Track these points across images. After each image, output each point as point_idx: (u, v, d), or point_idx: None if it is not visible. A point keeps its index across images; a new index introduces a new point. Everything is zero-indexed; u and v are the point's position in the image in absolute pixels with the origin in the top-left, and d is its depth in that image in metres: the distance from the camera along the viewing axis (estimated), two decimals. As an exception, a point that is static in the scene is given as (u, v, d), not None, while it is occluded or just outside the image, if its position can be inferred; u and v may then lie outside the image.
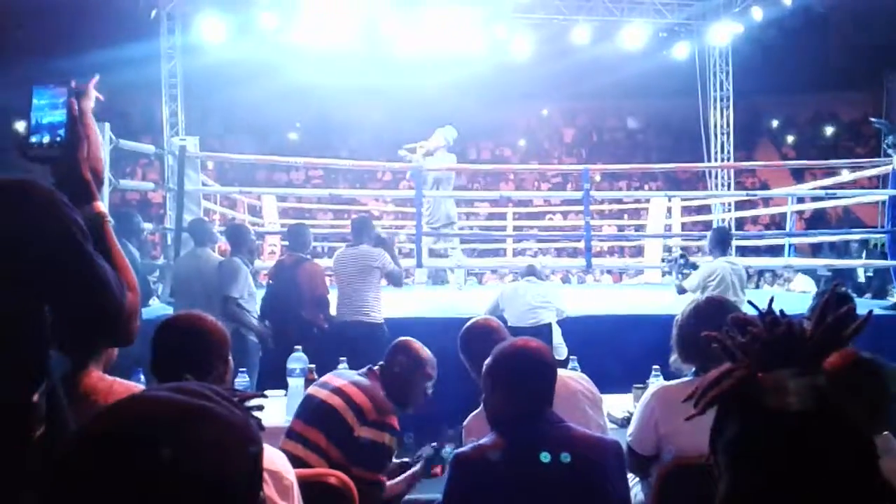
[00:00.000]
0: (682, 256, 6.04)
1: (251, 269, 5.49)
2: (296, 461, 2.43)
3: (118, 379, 1.96)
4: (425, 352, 2.87)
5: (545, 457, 1.89)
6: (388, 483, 2.68)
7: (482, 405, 2.61)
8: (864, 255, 8.41)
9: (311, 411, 2.65)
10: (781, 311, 0.97)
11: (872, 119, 8.40)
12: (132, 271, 1.38)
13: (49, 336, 1.20)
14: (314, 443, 2.54)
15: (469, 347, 2.84)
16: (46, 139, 1.36)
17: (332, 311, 5.44)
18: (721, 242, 5.71)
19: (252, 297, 5.33)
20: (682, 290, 5.65)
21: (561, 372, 2.77)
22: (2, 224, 1.15)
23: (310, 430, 2.58)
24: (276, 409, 3.52)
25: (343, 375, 2.78)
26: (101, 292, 1.23)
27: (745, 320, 0.99)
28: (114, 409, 0.78)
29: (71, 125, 1.37)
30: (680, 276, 5.77)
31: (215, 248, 6.03)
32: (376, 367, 2.81)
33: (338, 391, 2.64)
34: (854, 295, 5.25)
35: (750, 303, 1.07)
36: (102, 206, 1.41)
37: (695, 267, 5.77)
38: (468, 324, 2.98)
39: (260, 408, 0.99)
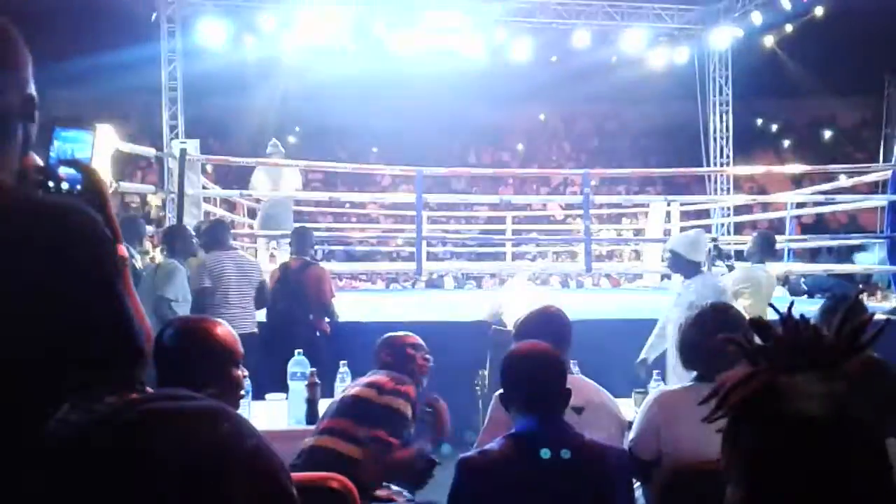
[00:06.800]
0: (715, 248, 5.60)
1: (186, 271, 5.31)
2: (324, 452, 2.58)
3: None
4: (400, 335, 3.07)
5: (545, 453, 1.90)
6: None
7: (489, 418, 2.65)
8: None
9: (339, 406, 2.80)
10: (802, 316, 0.96)
11: None
12: (147, 319, 1.30)
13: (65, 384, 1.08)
14: (342, 430, 2.65)
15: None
16: (65, 185, 1.26)
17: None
18: (765, 249, 5.27)
19: (186, 301, 5.15)
20: None
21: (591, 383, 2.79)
22: (45, 257, 1.05)
23: (338, 421, 2.70)
24: (277, 413, 3.52)
25: (365, 375, 2.97)
26: (126, 330, 1.16)
27: (765, 324, 0.98)
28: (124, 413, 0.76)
29: (92, 171, 1.30)
30: (712, 267, 5.26)
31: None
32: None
33: (359, 384, 2.84)
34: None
35: (771, 305, 1.06)
36: (124, 249, 1.35)
37: (728, 257, 5.50)
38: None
39: None
